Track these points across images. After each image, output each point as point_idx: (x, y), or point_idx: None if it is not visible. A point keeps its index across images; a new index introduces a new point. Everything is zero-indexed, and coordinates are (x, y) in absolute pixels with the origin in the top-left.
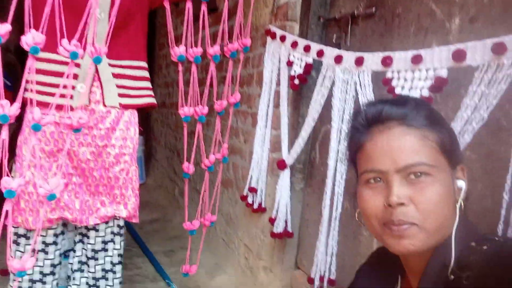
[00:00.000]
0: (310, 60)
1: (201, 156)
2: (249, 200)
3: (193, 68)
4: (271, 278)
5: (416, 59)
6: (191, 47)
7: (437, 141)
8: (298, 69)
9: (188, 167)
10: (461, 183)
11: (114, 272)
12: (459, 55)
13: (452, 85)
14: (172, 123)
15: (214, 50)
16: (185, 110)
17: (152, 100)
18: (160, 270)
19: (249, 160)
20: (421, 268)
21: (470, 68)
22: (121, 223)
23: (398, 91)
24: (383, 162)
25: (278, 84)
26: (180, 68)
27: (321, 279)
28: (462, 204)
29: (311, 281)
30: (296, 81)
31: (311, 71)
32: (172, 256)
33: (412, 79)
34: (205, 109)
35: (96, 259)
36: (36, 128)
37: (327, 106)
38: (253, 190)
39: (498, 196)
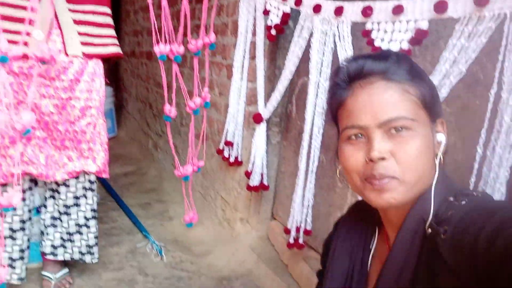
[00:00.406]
0: (287, 9)
1: (189, 115)
2: (225, 153)
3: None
4: (247, 229)
5: (397, 10)
6: None
7: (418, 95)
8: (275, 19)
9: (170, 109)
10: (441, 137)
11: (88, 227)
12: (441, 7)
13: (431, 37)
14: (143, 74)
15: None
16: (160, 48)
17: (117, 50)
18: (137, 222)
19: (224, 114)
20: (399, 221)
21: (450, 21)
22: (92, 178)
23: (377, 43)
24: (364, 118)
25: (254, 34)
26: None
27: (297, 229)
28: (442, 158)
29: (287, 231)
30: (273, 32)
31: (288, 21)
32: (148, 209)
33: (392, 31)
34: (181, 48)
35: (69, 214)
36: (3, 60)
37: (305, 58)
38: (229, 143)
39: (471, 150)
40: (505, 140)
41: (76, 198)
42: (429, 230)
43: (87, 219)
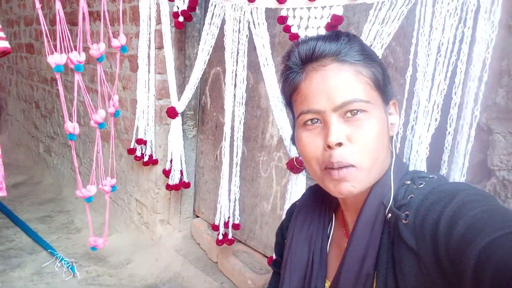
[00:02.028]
0: None
1: (87, 111)
2: (138, 153)
3: (57, 5)
4: (169, 230)
5: None
6: None
7: (371, 76)
8: (181, 5)
9: (74, 126)
10: (394, 118)
11: None
12: None
13: (342, 24)
14: (24, 70)
15: None
16: (55, 58)
17: (5, 44)
18: (38, 239)
19: (131, 110)
20: (358, 205)
21: (359, 6)
22: None
23: (294, 30)
24: (320, 102)
25: (158, 22)
26: (38, 5)
27: (226, 224)
28: (396, 139)
29: (215, 228)
30: (180, 19)
31: (196, 6)
32: (49, 222)
33: (308, 17)
34: (82, 56)
35: None
36: None
37: (215, 48)
38: (141, 142)
39: None
40: (423, 120)
41: None
42: (389, 215)
43: None
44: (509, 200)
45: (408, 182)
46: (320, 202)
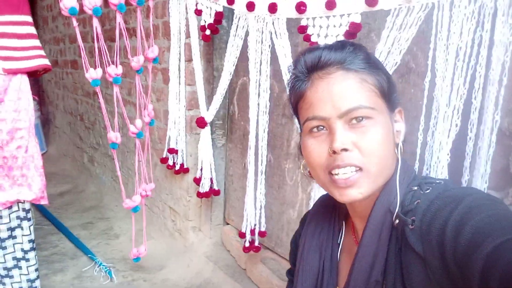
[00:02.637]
0: (220, 8)
1: (124, 122)
2: (170, 162)
3: (95, 22)
4: (201, 237)
5: (330, 4)
6: None
7: (376, 84)
8: (208, 19)
9: (116, 136)
10: (400, 126)
11: (27, 260)
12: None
13: (362, 31)
14: (69, 84)
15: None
16: (91, 73)
17: (45, 62)
18: (80, 245)
19: (164, 120)
20: (366, 211)
21: (380, 13)
22: (27, 206)
23: (314, 39)
24: (325, 109)
25: (187, 35)
26: (75, 23)
27: (252, 232)
28: (402, 146)
29: (242, 235)
30: (207, 32)
31: (222, 20)
32: (91, 229)
33: (327, 26)
34: (119, 69)
35: (5, 248)
36: None
37: (242, 58)
38: (173, 151)
39: (411, 137)
40: (443, 125)
41: (11, 229)
42: (397, 221)
43: (25, 251)
44: None
45: (415, 188)
46: (330, 210)
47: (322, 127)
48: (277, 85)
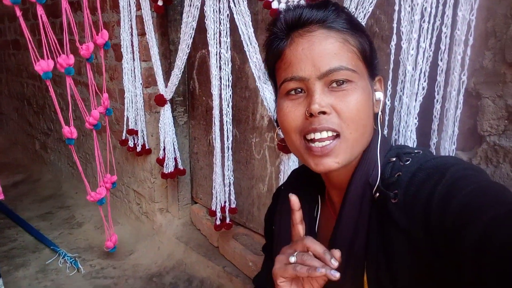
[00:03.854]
0: None
1: (80, 113)
2: (130, 143)
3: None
4: (169, 219)
5: None
6: None
7: (358, 46)
8: None
9: (71, 131)
10: (380, 95)
11: None
12: None
13: None
14: (12, 66)
15: None
16: (42, 65)
17: None
18: (41, 237)
19: (120, 100)
20: (343, 183)
21: None
22: None
23: (275, 5)
24: (304, 69)
25: (138, 7)
26: (19, 12)
27: (222, 209)
28: (381, 116)
29: (212, 213)
30: (160, 2)
31: None
32: (50, 219)
33: None
34: (71, 59)
35: None
36: None
37: (199, 29)
38: (132, 132)
39: None
40: (410, 89)
41: None
42: (377, 194)
43: None
44: (501, 165)
45: (394, 159)
46: (305, 184)
47: (300, 90)
48: (238, 57)
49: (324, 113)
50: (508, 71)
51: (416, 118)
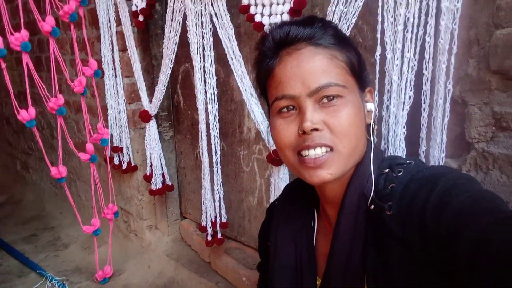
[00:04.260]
0: None
1: (72, 147)
2: (115, 161)
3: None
4: (158, 236)
5: None
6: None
7: (346, 61)
8: (139, 3)
9: (59, 170)
10: (371, 106)
11: None
12: None
13: (306, 7)
14: None
15: (49, 22)
16: (23, 115)
17: None
18: (26, 260)
19: (103, 117)
20: (337, 197)
21: None
22: None
23: (258, 18)
24: (294, 87)
25: (118, 23)
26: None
27: (213, 224)
28: (374, 127)
29: (203, 229)
30: (140, 18)
31: (155, 3)
32: (35, 241)
33: (271, 3)
34: (61, 99)
35: None
36: None
37: (181, 44)
38: (117, 149)
39: None
40: (397, 99)
41: None
42: (372, 206)
43: None
44: (491, 172)
45: (386, 170)
46: (300, 199)
47: (291, 107)
48: (222, 70)
49: (316, 129)
50: (493, 78)
51: (404, 127)
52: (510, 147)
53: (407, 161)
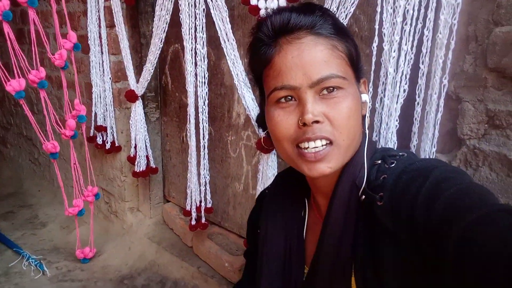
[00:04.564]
0: None
1: (55, 124)
2: (98, 140)
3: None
4: (140, 218)
5: None
6: None
7: (345, 51)
8: None
9: (54, 145)
10: (365, 97)
11: None
12: None
13: None
14: None
15: None
16: (13, 85)
17: None
18: (2, 238)
19: (87, 95)
20: (329, 187)
21: None
22: None
23: (254, 2)
24: (295, 77)
25: None
26: None
27: (198, 209)
28: (368, 118)
29: (187, 213)
30: None
31: None
32: (12, 219)
33: None
34: (42, 72)
35: None
36: None
37: (172, 23)
38: (101, 128)
39: None
40: (391, 91)
41: None
42: (363, 197)
43: None
44: (480, 169)
45: (379, 161)
46: (291, 188)
47: (290, 98)
48: (213, 53)
49: (317, 122)
50: (489, 76)
51: (397, 120)
52: (501, 145)
53: (400, 153)
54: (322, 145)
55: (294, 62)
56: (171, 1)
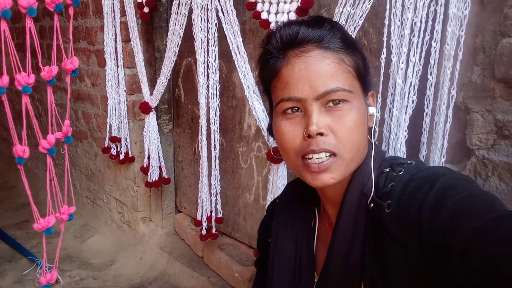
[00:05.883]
0: None
1: (37, 136)
2: (113, 151)
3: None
4: (152, 228)
5: None
6: None
7: (353, 65)
8: None
9: (24, 149)
10: (373, 110)
11: None
12: None
13: (313, 7)
14: None
15: (28, 1)
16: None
17: None
18: (17, 246)
19: (102, 107)
20: (338, 196)
21: None
22: None
23: (264, 16)
24: (301, 90)
25: (123, 14)
26: None
27: (208, 219)
28: (376, 130)
29: (198, 223)
30: (146, 9)
31: None
32: (27, 227)
33: (278, 2)
34: (31, 78)
35: None
36: None
37: (185, 38)
38: (115, 139)
39: None
40: (400, 102)
41: None
42: (372, 205)
43: None
44: (490, 179)
45: (387, 169)
46: (301, 198)
47: (297, 109)
48: (225, 66)
49: (321, 134)
50: (497, 86)
51: (406, 131)
52: (510, 155)
53: (408, 161)
54: (326, 156)
55: (300, 75)
56: (185, 16)
